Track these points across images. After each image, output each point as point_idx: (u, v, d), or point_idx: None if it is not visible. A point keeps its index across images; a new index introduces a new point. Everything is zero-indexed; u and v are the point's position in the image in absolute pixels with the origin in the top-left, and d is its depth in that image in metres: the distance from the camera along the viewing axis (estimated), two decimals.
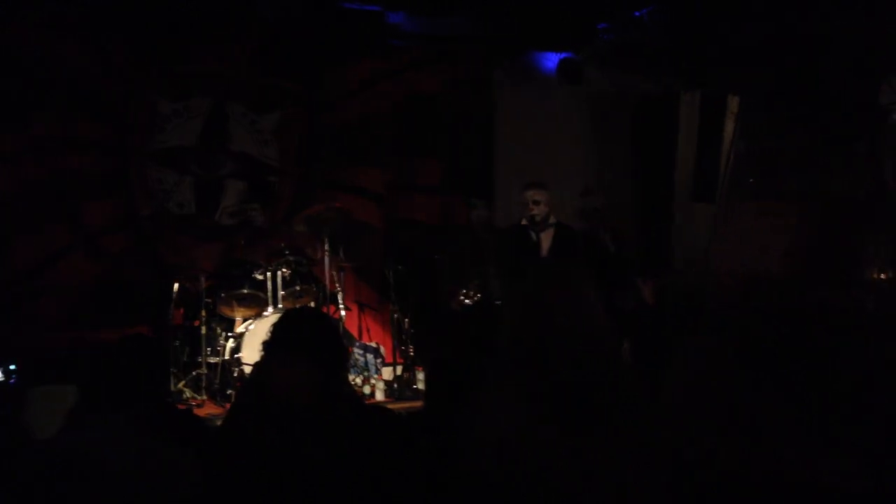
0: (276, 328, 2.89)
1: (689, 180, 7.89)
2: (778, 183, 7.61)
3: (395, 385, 6.58)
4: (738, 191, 7.66)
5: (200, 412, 5.74)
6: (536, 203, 6.17)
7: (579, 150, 8.54)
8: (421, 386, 6.47)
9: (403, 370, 6.83)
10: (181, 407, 5.68)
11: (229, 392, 6.08)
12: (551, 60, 8.33)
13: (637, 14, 7.21)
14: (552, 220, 6.25)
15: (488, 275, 6.67)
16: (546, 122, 8.40)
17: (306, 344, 2.79)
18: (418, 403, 5.58)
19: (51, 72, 6.65)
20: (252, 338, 6.10)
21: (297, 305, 6.50)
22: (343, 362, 3.05)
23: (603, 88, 8.43)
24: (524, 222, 6.25)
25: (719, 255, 7.78)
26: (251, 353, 6.03)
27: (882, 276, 6.33)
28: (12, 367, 5.28)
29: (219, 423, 5.38)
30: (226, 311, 6.40)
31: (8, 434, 2.89)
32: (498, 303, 6.42)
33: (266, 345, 2.84)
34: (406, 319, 6.93)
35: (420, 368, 6.63)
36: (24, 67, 6.57)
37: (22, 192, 6.58)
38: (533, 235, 6.23)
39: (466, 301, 6.70)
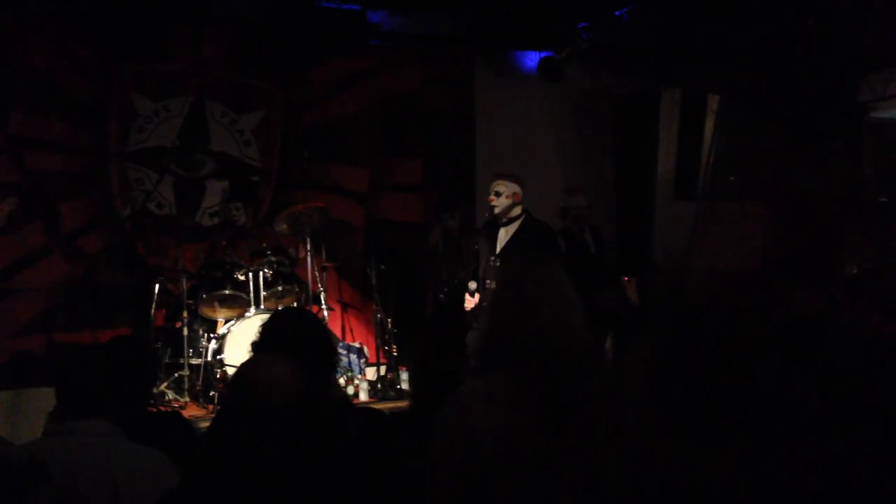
0: (264, 328, 2.86)
1: (670, 178, 7.92)
2: (758, 181, 7.66)
3: (379, 385, 6.55)
4: (718, 189, 7.71)
5: (183, 414, 5.68)
6: (497, 195, 5.63)
7: (560, 148, 8.55)
8: (405, 386, 6.45)
9: (387, 370, 6.81)
10: (168, 409, 5.63)
11: (212, 394, 6.03)
12: (531, 59, 8.35)
13: (617, 13, 7.23)
14: (517, 213, 5.67)
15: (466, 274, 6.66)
16: (526, 121, 8.40)
17: (292, 343, 2.76)
18: (403, 403, 5.56)
19: (25, 72, 6.57)
20: (234, 339, 6.05)
21: (280, 306, 6.46)
22: (332, 363, 3.03)
23: (583, 87, 8.44)
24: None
25: (699, 252, 7.82)
26: (234, 354, 5.98)
27: (855, 271, 6.39)
28: None
29: (203, 425, 5.35)
30: (207, 312, 6.35)
31: None
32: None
33: (254, 345, 2.81)
34: (389, 319, 6.90)
35: (403, 368, 6.61)
36: None
37: None
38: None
39: (444, 299, 6.70)
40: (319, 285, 6.67)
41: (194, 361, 6.20)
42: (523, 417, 1.84)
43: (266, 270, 6.40)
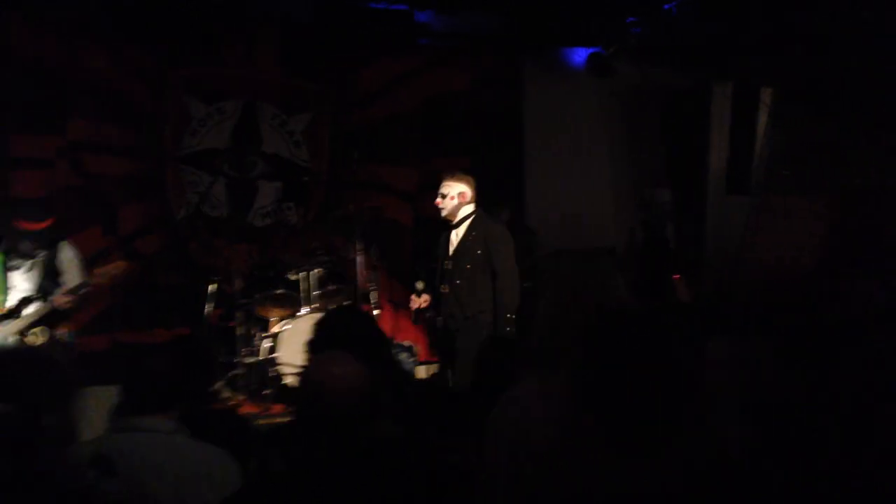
0: (318, 327, 2.90)
1: (722, 173, 7.81)
2: (812, 175, 7.52)
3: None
4: (771, 183, 7.58)
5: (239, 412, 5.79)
6: (443, 196, 5.40)
7: (609, 144, 8.49)
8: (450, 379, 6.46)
9: (437, 369, 6.83)
10: (224, 406, 5.73)
11: (265, 392, 6.13)
12: (580, 55, 8.30)
13: (666, 7, 7.16)
14: (466, 213, 5.41)
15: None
16: (575, 117, 8.36)
17: (345, 342, 2.80)
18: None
19: (85, 79, 6.73)
20: (287, 338, 6.14)
21: (331, 305, 6.53)
22: (386, 361, 3.07)
23: (632, 82, 8.37)
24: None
25: (752, 248, 7.70)
26: (287, 353, 6.07)
27: None
28: None
29: (259, 422, 5.45)
30: (260, 312, 6.45)
31: (49, 436, 2.92)
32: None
33: (311, 344, 2.86)
34: (438, 318, 6.92)
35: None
36: (58, 74, 6.66)
37: (58, 196, 6.67)
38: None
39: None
40: (370, 284, 6.73)
41: (248, 360, 6.31)
42: (579, 419, 1.83)
43: (317, 270, 6.48)
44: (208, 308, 6.30)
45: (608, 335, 1.71)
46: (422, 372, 6.84)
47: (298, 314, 6.30)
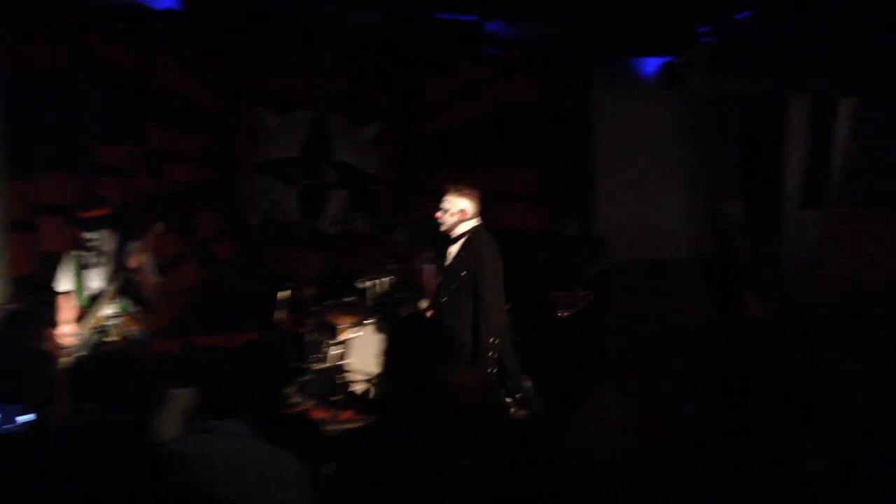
0: (393, 335, 2.94)
1: (798, 186, 7.64)
2: (890, 187, 7.30)
3: None
4: (849, 196, 7.38)
5: None
6: (444, 211, 5.29)
7: (681, 155, 8.39)
8: (522, 394, 6.43)
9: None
10: (294, 412, 5.83)
11: (334, 398, 6.21)
12: (650, 65, 8.22)
13: (739, 17, 7.04)
14: (465, 230, 5.29)
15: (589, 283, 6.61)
16: (646, 127, 8.28)
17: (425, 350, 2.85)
18: (521, 412, 5.56)
19: (163, 90, 6.94)
20: (356, 344, 6.21)
21: (399, 313, 6.59)
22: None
23: (705, 92, 8.25)
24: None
25: (828, 262, 7.50)
26: (356, 360, 6.15)
27: None
28: None
29: (328, 428, 5.52)
30: (330, 318, 6.54)
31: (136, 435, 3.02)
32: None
33: (386, 352, 2.90)
34: None
35: (526, 377, 6.61)
36: (136, 85, 6.88)
37: (137, 202, 6.88)
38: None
39: (568, 310, 6.65)
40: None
41: (318, 366, 6.40)
42: (657, 427, 1.82)
43: (385, 278, 6.54)
44: (280, 314, 6.41)
45: (718, 348, 1.68)
46: None
47: (367, 322, 6.37)
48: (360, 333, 6.27)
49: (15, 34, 6.50)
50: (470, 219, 5.30)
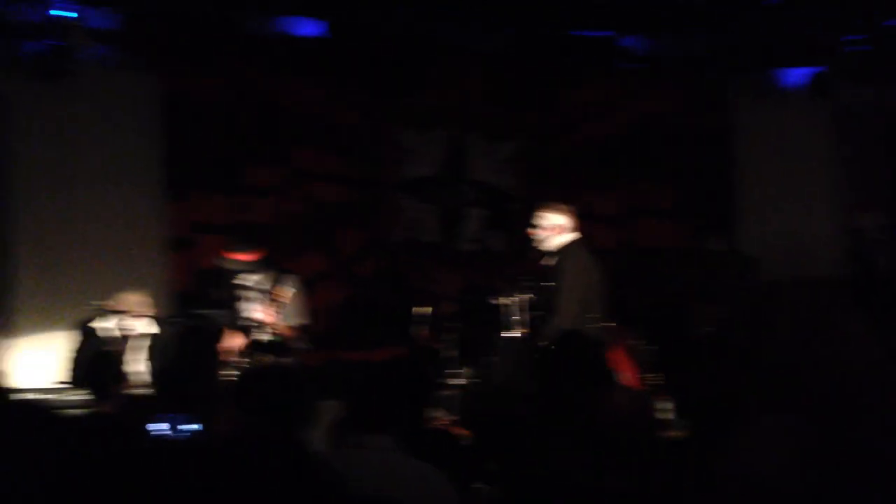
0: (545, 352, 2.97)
1: None
2: None
3: None
4: None
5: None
6: (534, 226, 5.46)
7: (828, 167, 8.06)
8: (662, 416, 6.29)
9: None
10: (436, 427, 5.92)
11: (474, 414, 6.25)
12: (793, 75, 7.93)
13: (887, 23, 6.71)
14: (559, 245, 5.46)
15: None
16: (790, 140, 8.02)
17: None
18: (667, 433, 5.45)
19: (309, 112, 7.24)
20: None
21: (536, 331, 6.59)
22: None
23: (853, 102, 7.90)
24: None
25: None
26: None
27: None
28: None
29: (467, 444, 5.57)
30: (468, 335, 6.61)
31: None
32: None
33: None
34: (644, 346, 6.80)
35: (662, 397, 6.47)
36: (284, 108, 7.21)
37: (283, 222, 7.20)
38: None
39: (712, 329, 6.46)
40: None
41: (456, 382, 6.47)
42: (821, 467, 1.75)
43: (522, 296, 6.55)
44: (419, 330, 6.55)
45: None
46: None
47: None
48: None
49: (172, 64, 6.96)
50: (562, 234, 5.41)
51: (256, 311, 5.40)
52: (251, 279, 5.52)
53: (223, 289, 5.12)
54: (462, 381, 6.40)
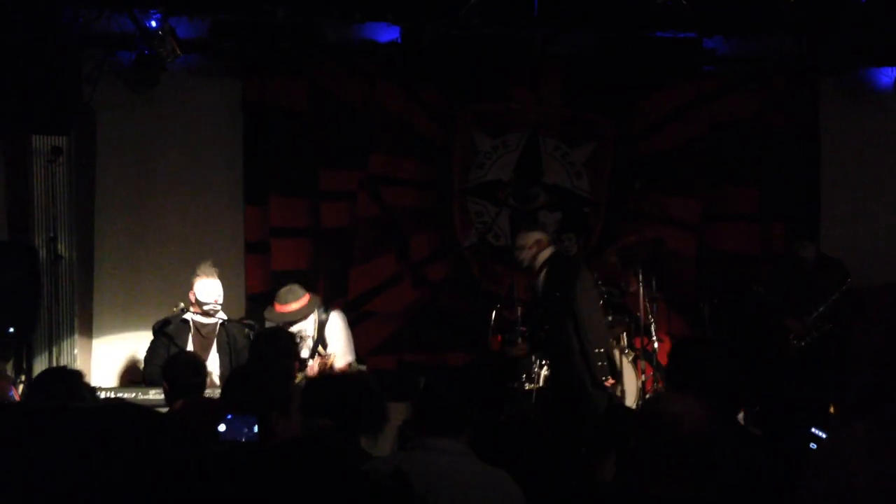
0: (675, 357, 2.91)
1: None
2: None
3: None
4: None
5: None
6: (520, 249, 5.92)
7: None
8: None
9: None
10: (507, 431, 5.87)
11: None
12: (887, 75, 7.62)
13: None
14: (545, 258, 5.85)
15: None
16: (882, 142, 7.70)
17: (699, 376, 2.78)
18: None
19: (383, 116, 7.27)
20: None
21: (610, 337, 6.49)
22: (737, 400, 3.01)
23: None
24: None
25: None
26: None
27: None
28: None
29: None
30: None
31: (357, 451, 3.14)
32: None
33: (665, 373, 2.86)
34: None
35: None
36: (361, 113, 7.25)
37: (357, 226, 7.24)
38: None
39: (805, 338, 6.23)
40: (650, 317, 6.60)
41: (528, 386, 6.41)
42: None
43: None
44: (491, 334, 6.50)
45: None
46: None
47: None
48: None
49: (253, 71, 7.08)
50: (546, 246, 5.86)
51: (308, 362, 5.44)
52: (299, 327, 5.57)
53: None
54: (533, 386, 6.34)
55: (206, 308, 5.63)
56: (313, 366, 5.35)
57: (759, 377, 6.26)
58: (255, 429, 2.56)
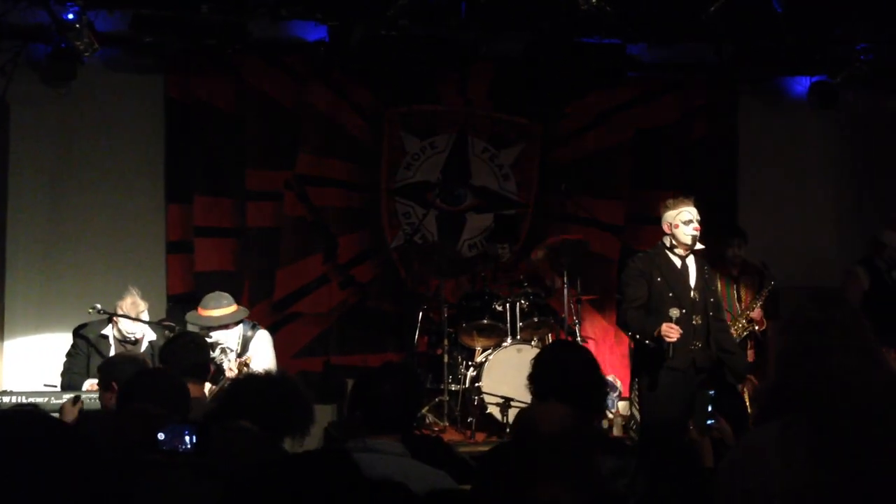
0: (539, 362, 2.93)
1: None
2: None
3: (632, 421, 6.41)
4: None
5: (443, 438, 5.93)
6: (699, 222, 5.21)
7: (834, 177, 8.03)
8: None
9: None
10: (430, 433, 5.90)
11: (469, 420, 6.22)
12: (801, 84, 7.88)
13: None
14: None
15: None
16: (796, 149, 7.99)
17: (562, 382, 2.81)
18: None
19: (313, 117, 7.20)
20: (492, 367, 6.23)
21: (535, 337, 6.57)
22: (600, 407, 3.05)
23: (862, 112, 7.86)
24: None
25: None
26: (491, 382, 6.16)
27: None
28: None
29: (462, 450, 5.53)
30: (466, 341, 6.58)
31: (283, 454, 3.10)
32: None
33: (529, 378, 2.88)
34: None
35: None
36: (286, 112, 7.17)
37: (283, 226, 7.15)
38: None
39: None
40: (574, 317, 6.69)
41: (453, 388, 6.43)
42: (824, 473, 1.69)
43: (522, 301, 6.52)
44: (417, 335, 6.50)
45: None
46: (623, 407, 6.69)
47: (503, 345, 6.36)
48: (493, 356, 6.28)
49: (176, 67, 6.93)
50: None
51: (228, 370, 5.28)
52: (222, 336, 5.42)
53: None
54: (458, 388, 6.37)
55: (126, 337, 5.44)
56: (232, 367, 5.23)
57: None
58: (194, 438, 2.50)
